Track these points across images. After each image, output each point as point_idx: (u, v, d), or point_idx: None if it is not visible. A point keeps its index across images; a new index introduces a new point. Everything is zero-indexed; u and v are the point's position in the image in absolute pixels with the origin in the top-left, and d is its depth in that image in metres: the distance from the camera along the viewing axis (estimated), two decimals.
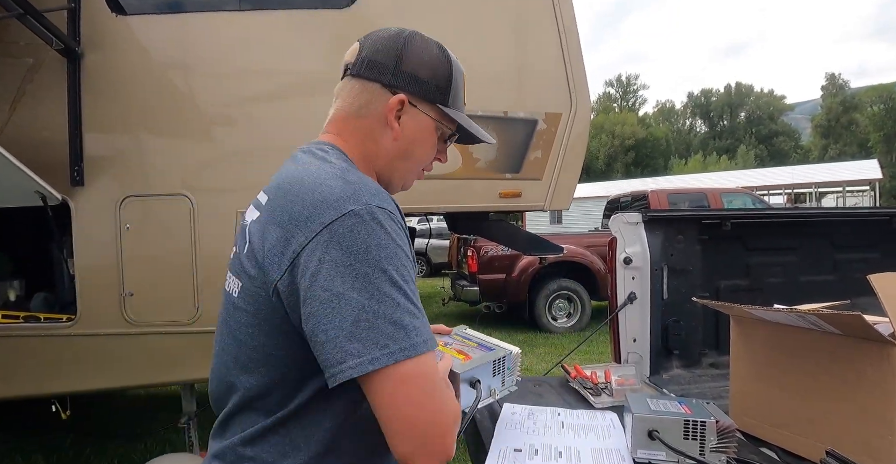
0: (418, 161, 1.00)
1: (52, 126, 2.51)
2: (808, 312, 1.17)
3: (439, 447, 0.76)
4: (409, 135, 0.96)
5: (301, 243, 0.76)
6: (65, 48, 2.43)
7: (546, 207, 2.80)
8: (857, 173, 25.98)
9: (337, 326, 0.73)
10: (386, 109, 0.93)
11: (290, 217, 0.79)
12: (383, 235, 0.76)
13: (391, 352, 0.73)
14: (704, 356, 2.11)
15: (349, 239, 0.75)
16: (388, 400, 0.74)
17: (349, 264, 0.74)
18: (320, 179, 0.82)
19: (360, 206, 0.77)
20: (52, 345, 2.58)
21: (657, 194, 9.68)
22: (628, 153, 57.04)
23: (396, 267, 0.76)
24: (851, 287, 2.04)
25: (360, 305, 0.73)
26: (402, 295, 0.75)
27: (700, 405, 1.21)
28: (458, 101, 0.99)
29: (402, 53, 0.94)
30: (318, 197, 0.79)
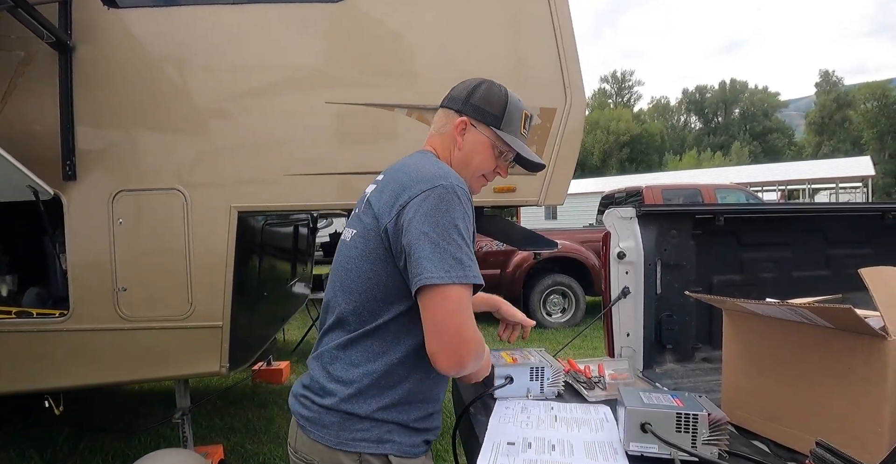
0: (476, 169, 1.34)
1: (44, 120, 2.49)
2: (800, 305, 1.18)
3: (455, 350, 1.10)
4: (469, 147, 1.33)
5: (406, 200, 1.14)
6: (56, 41, 2.41)
7: (541, 202, 2.80)
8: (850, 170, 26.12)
9: (420, 251, 1.09)
10: (454, 127, 1.33)
11: (399, 185, 1.18)
12: (459, 204, 1.13)
13: (451, 276, 1.08)
14: (697, 351, 2.13)
15: (437, 200, 1.12)
16: (431, 308, 1.10)
17: (434, 216, 1.11)
18: (422, 164, 1.23)
19: (448, 183, 1.14)
20: (45, 340, 2.57)
21: (652, 190, 9.69)
22: (623, 149, 57.08)
23: (463, 225, 1.13)
24: (844, 282, 2.06)
25: (436, 242, 1.09)
26: (463, 242, 1.11)
27: (692, 399, 1.21)
28: (511, 128, 1.34)
29: (472, 91, 1.34)
30: (420, 174, 1.18)
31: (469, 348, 1.11)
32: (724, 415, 1.14)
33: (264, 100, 2.60)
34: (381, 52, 2.60)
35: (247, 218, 2.69)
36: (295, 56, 2.63)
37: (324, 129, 2.57)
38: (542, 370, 1.61)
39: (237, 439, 3.59)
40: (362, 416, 1.17)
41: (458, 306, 1.09)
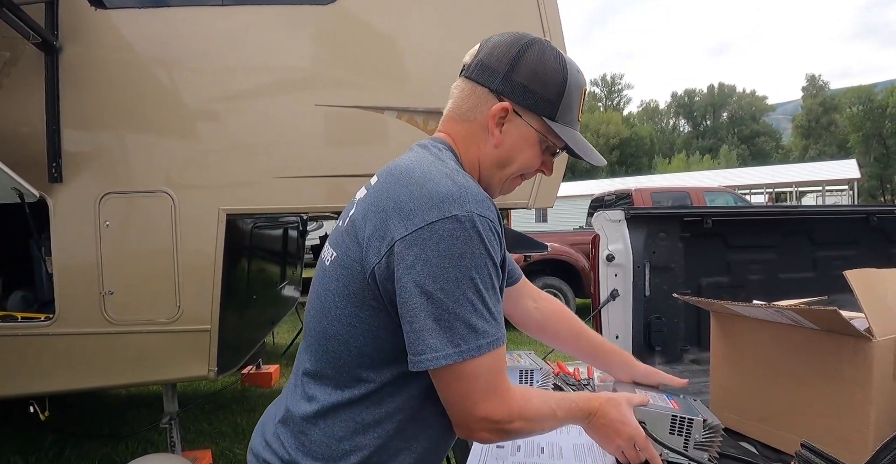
0: (517, 169, 1.01)
1: (30, 121, 2.47)
2: (786, 307, 1.19)
3: (471, 430, 0.89)
4: (510, 143, 0.97)
5: (402, 234, 0.83)
6: (42, 42, 2.38)
7: (530, 204, 2.81)
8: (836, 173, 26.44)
9: (422, 320, 0.82)
10: (489, 115, 0.96)
11: (395, 205, 0.86)
12: (478, 244, 0.83)
13: (461, 351, 0.82)
14: (686, 352, 2.14)
15: (447, 243, 0.82)
16: (440, 388, 0.87)
17: (442, 267, 0.82)
18: (430, 174, 0.88)
19: (464, 212, 0.83)
20: (30, 345, 2.54)
21: (641, 193, 9.74)
22: (613, 152, 57.41)
23: (482, 276, 0.84)
24: (830, 284, 2.07)
25: (444, 305, 0.82)
26: (480, 300, 0.84)
27: (688, 402, 1.21)
28: (568, 117, 0.98)
29: (515, 60, 0.94)
30: (425, 192, 0.85)
31: (488, 427, 0.87)
32: (719, 421, 1.14)
33: (253, 102, 2.59)
34: (371, 54, 2.60)
35: (235, 220, 2.67)
36: (284, 58, 2.62)
37: (313, 131, 2.56)
38: (531, 373, 1.60)
39: (226, 443, 3.56)
40: None
41: (471, 386, 0.85)
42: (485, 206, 0.86)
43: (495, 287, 0.87)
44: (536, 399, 0.94)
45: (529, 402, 0.92)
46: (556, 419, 0.96)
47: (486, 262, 0.84)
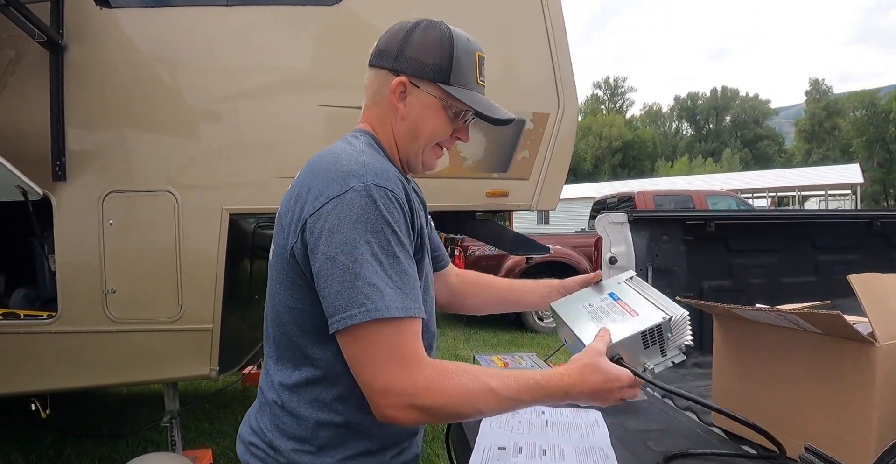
0: (428, 139, 1.05)
1: (34, 120, 2.48)
2: (790, 311, 1.18)
3: (375, 406, 0.88)
4: (415, 114, 1.03)
5: (310, 211, 0.90)
6: (48, 41, 2.39)
7: (533, 206, 2.81)
8: (839, 177, 26.38)
9: (329, 285, 0.87)
10: (390, 92, 1.03)
11: (307, 189, 0.93)
12: (374, 211, 0.87)
13: (367, 311, 0.84)
14: (688, 356, 2.13)
15: (346, 211, 0.87)
16: (348, 355, 0.89)
17: (342, 232, 0.86)
18: (338, 157, 0.94)
19: (361, 183, 0.88)
20: (32, 342, 2.54)
21: (643, 196, 9.75)
22: (615, 155, 57.40)
23: (380, 241, 0.87)
24: (832, 289, 2.07)
25: (346, 267, 0.85)
26: (379, 264, 0.86)
27: (638, 297, 1.14)
28: (463, 79, 1.03)
29: (405, 39, 1.03)
30: (330, 173, 0.91)
31: (392, 401, 0.86)
32: (681, 310, 1.10)
33: (257, 102, 2.59)
34: None
35: (238, 220, 2.67)
36: (289, 58, 2.62)
37: (316, 131, 2.56)
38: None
39: (226, 443, 3.56)
40: None
41: (371, 352, 0.86)
42: (384, 178, 0.91)
43: (398, 257, 0.88)
44: (463, 375, 0.89)
45: (448, 376, 0.88)
46: (503, 400, 0.90)
47: (384, 228, 0.87)
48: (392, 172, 0.94)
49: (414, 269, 0.93)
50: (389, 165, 0.97)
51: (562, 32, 2.77)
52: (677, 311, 1.09)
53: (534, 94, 2.77)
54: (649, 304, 1.12)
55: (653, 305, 1.11)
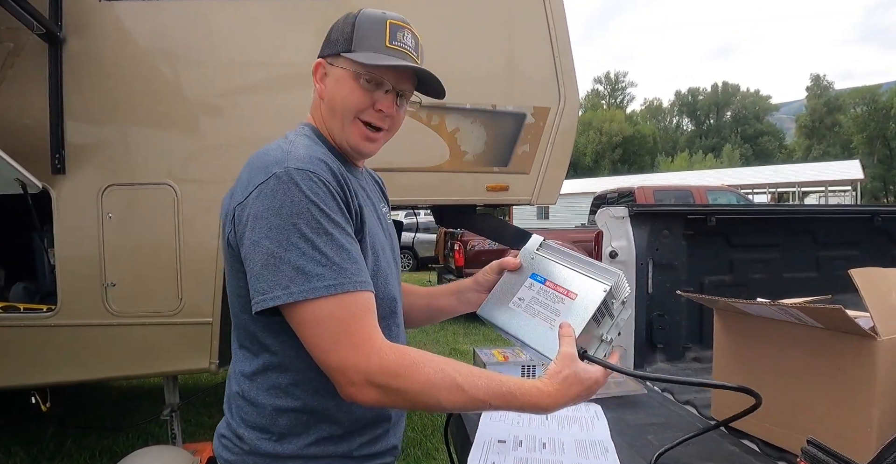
0: (343, 112, 1.02)
1: (33, 113, 2.47)
2: (791, 305, 1.18)
3: (336, 383, 0.88)
4: (330, 90, 1.04)
5: (237, 201, 0.93)
6: (46, 33, 2.38)
7: (533, 200, 2.81)
8: (839, 173, 26.37)
9: (255, 269, 0.88)
10: (314, 78, 1.07)
11: (239, 182, 0.96)
12: (297, 194, 0.88)
13: (290, 293, 0.85)
14: (688, 350, 2.13)
15: (269, 198, 0.88)
16: (300, 336, 0.89)
17: (265, 218, 0.87)
18: (268, 150, 0.96)
19: (282, 169, 0.89)
20: (32, 336, 2.54)
21: (644, 191, 9.75)
22: (616, 150, 57.33)
23: (307, 221, 0.87)
24: (833, 284, 2.07)
25: (269, 251, 0.86)
26: (309, 245, 0.86)
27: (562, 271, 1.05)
28: (366, 43, 1.00)
29: (330, 29, 1.06)
30: (258, 164, 0.94)
31: (350, 379, 0.86)
32: (617, 272, 1.03)
33: (257, 95, 2.59)
34: None
35: None
36: (289, 52, 2.61)
37: None
38: (533, 368, 1.61)
39: None
40: (289, 456, 0.96)
41: (317, 332, 0.86)
42: (305, 161, 0.92)
43: (331, 234, 0.88)
44: (427, 364, 0.87)
45: (408, 360, 0.87)
46: (469, 398, 0.88)
47: (310, 208, 0.88)
48: (317, 156, 0.94)
49: (354, 245, 0.92)
50: (318, 151, 0.97)
51: (563, 27, 2.76)
52: (611, 274, 1.01)
53: (535, 88, 2.76)
54: (580, 276, 1.03)
55: (586, 277, 1.02)
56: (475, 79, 2.70)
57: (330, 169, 0.94)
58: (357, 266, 0.90)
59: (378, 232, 1.06)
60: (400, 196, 2.77)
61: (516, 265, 1.12)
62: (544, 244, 1.12)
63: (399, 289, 1.14)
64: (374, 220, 1.05)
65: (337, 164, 0.97)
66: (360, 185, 1.07)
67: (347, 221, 0.93)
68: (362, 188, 1.08)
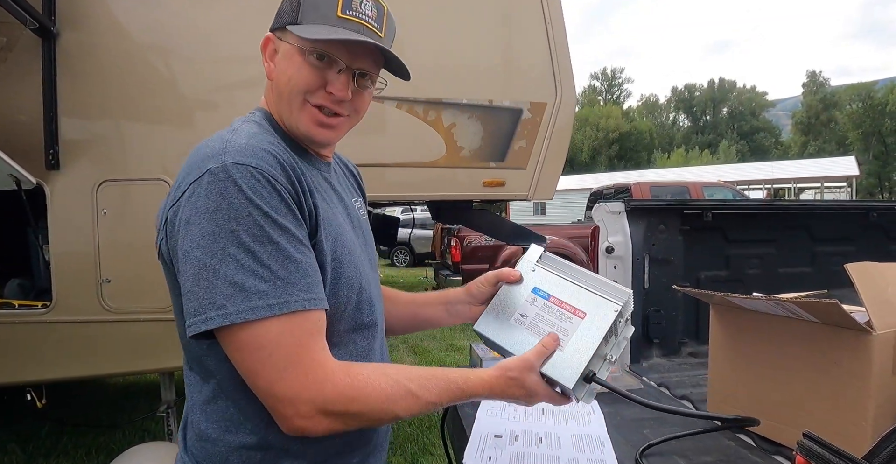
0: (289, 94, 0.88)
1: (27, 108, 2.45)
2: (787, 300, 1.18)
3: (280, 417, 0.76)
4: (278, 69, 0.90)
5: (170, 203, 0.80)
6: (40, 27, 2.36)
7: (530, 196, 2.80)
8: (834, 170, 26.45)
9: (186, 285, 0.75)
10: (262, 55, 0.93)
11: (175, 182, 0.83)
12: (235, 194, 0.74)
13: (227, 313, 0.72)
14: (684, 345, 2.14)
15: (203, 200, 0.74)
16: (236, 365, 0.76)
17: (198, 223, 0.74)
18: (208, 141, 0.83)
19: (217, 164, 0.76)
20: (27, 332, 2.53)
21: (640, 187, 9.77)
22: (612, 146, 57.36)
23: (247, 228, 0.73)
24: (829, 279, 2.07)
25: (202, 263, 0.73)
26: (249, 256, 0.73)
27: (583, 291, 0.96)
28: (314, 13, 0.86)
29: None
30: (193, 159, 0.81)
31: (300, 411, 0.75)
32: (627, 290, 0.96)
33: (254, 90, 2.56)
34: None
35: None
36: None
37: None
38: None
39: None
40: None
41: (260, 358, 0.73)
42: (248, 154, 0.77)
43: (276, 242, 0.75)
44: (380, 378, 0.79)
45: (360, 379, 0.78)
46: (423, 403, 0.82)
47: (251, 211, 0.74)
48: (262, 147, 0.80)
49: (306, 253, 0.79)
50: (264, 141, 0.82)
51: (560, 22, 2.75)
52: (620, 293, 0.95)
53: (531, 83, 2.76)
54: (589, 294, 0.96)
55: (594, 295, 0.95)
56: (472, 74, 2.69)
57: (278, 162, 0.80)
58: (308, 280, 0.77)
59: (345, 232, 0.91)
60: (396, 192, 2.77)
61: (516, 277, 1.02)
62: (545, 255, 1.04)
63: (378, 293, 1.00)
64: (339, 218, 0.92)
65: (288, 155, 0.84)
66: (323, 178, 0.95)
67: (299, 225, 0.79)
68: (327, 182, 0.96)
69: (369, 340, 0.94)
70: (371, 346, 0.94)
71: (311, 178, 0.88)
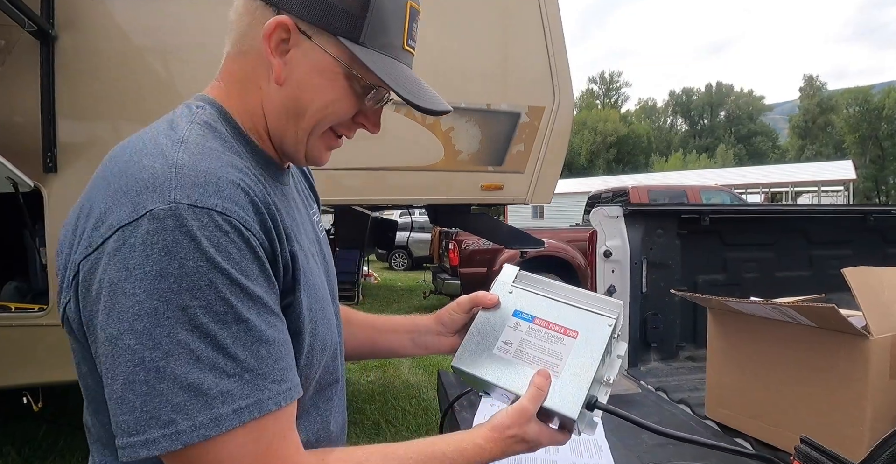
0: (317, 119, 0.68)
1: (25, 111, 2.45)
2: (784, 304, 1.19)
3: None
4: (299, 79, 0.66)
5: (84, 252, 0.55)
6: (38, 30, 2.36)
7: (528, 200, 2.81)
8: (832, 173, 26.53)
9: (114, 385, 0.53)
10: (263, 38, 0.66)
11: (88, 210, 0.58)
12: (191, 252, 0.52)
13: (178, 432, 0.51)
14: (682, 349, 2.14)
15: (139, 255, 0.51)
16: None
17: (131, 294, 0.51)
18: (141, 154, 0.59)
19: (164, 205, 0.52)
20: (24, 335, 2.52)
21: (638, 191, 9.78)
22: (610, 150, 57.50)
23: (207, 301, 0.52)
24: (826, 283, 2.08)
25: (138, 357, 0.51)
26: (209, 344, 0.52)
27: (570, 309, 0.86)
28: (382, 39, 0.66)
29: None
30: (122, 184, 0.56)
31: None
32: (618, 302, 0.87)
33: None
34: None
35: None
36: None
37: None
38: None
39: None
40: None
41: None
42: (211, 190, 0.55)
43: (245, 320, 0.54)
44: None
45: None
46: None
47: (213, 279, 0.53)
48: (230, 177, 0.58)
49: (278, 326, 0.60)
50: (228, 164, 0.60)
51: (558, 27, 2.76)
52: (611, 305, 0.86)
53: (529, 87, 2.77)
54: (577, 310, 0.86)
55: (583, 311, 0.86)
56: (470, 78, 2.70)
57: (250, 200, 0.58)
58: (281, 365, 0.58)
59: (313, 266, 0.72)
60: (395, 195, 2.77)
61: (493, 302, 0.87)
62: (521, 274, 0.92)
63: (341, 335, 0.82)
64: (308, 245, 0.73)
65: (257, 181, 0.63)
66: (286, 193, 0.74)
67: (271, 288, 0.59)
68: (293, 200, 0.76)
69: (331, 400, 0.78)
70: (332, 404, 0.79)
71: (280, 201, 0.68)
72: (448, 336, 0.92)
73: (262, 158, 0.70)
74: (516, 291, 0.90)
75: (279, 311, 0.61)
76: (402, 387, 4.53)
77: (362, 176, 2.67)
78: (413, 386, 4.52)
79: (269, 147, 0.72)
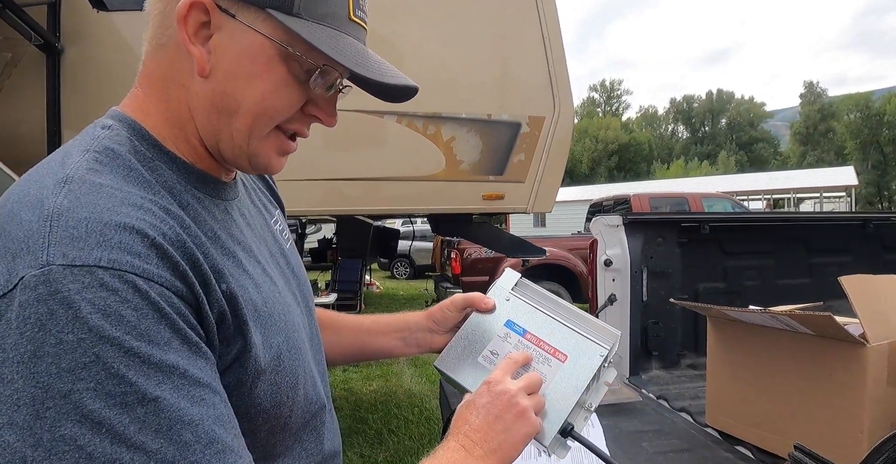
0: (254, 116, 0.56)
1: (31, 122, 2.48)
2: (782, 313, 1.20)
3: None
4: (227, 68, 0.55)
5: None
6: (44, 43, 2.40)
7: (529, 209, 2.82)
8: (833, 180, 26.51)
9: None
10: (177, 23, 0.55)
11: None
12: (67, 323, 0.42)
13: None
14: (683, 357, 2.15)
15: (14, 334, 0.42)
16: None
17: (10, 381, 0.41)
18: (21, 204, 0.48)
19: (36, 269, 0.43)
20: None
21: (639, 198, 9.79)
22: (611, 158, 57.57)
23: (95, 381, 0.42)
24: (826, 290, 2.09)
25: (19, 457, 0.41)
26: (103, 435, 0.41)
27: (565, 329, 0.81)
28: (324, 8, 0.55)
29: None
30: None
31: None
32: (615, 332, 0.82)
33: None
34: None
35: None
36: None
37: (313, 134, 2.56)
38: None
39: None
40: None
41: None
42: (93, 241, 0.44)
43: (155, 399, 0.43)
44: None
45: None
46: None
47: (101, 352, 0.42)
48: (121, 220, 0.46)
49: (208, 399, 0.47)
50: (123, 201, 0.48)
51: (557, 36, 2.79)
52: (608, 335, 0.81)
53: (530, 97, 2.79)
54: (572, 333, 0.81)
55: (577, 335, 0.81)
56: (470, 88, 2.72)
57: (152, 244, 0.47)
58: (217, 446, 0.46)
59: (269, 289, 0.62)
60: (397, 205, 2.79)
61: (489, 306, 0.83)
62: (521, 282, 0.88)
63: (321, 357, 0.74)
64: (268, 260, 0.66)
65: (167, 214, 0.51)
66: (234, 215, 0.64)
67: (194, 349, 0.48)
68: (244, 215, 0.67)
69: (317, 430, 0.70)
70: (322, 434, 0.71)
71: (217, 224, 0.59)
72: (440, 334, 0.87)
73: (194, 176, 0.59)
74: (514, 299, 0.85)
75: (211, 377, 0.49)
76: (404, 396, 4.53)
77: (364, 186, 2.69)
78: (415, 395, 4.52)
79: (204, 159, 0.60)
